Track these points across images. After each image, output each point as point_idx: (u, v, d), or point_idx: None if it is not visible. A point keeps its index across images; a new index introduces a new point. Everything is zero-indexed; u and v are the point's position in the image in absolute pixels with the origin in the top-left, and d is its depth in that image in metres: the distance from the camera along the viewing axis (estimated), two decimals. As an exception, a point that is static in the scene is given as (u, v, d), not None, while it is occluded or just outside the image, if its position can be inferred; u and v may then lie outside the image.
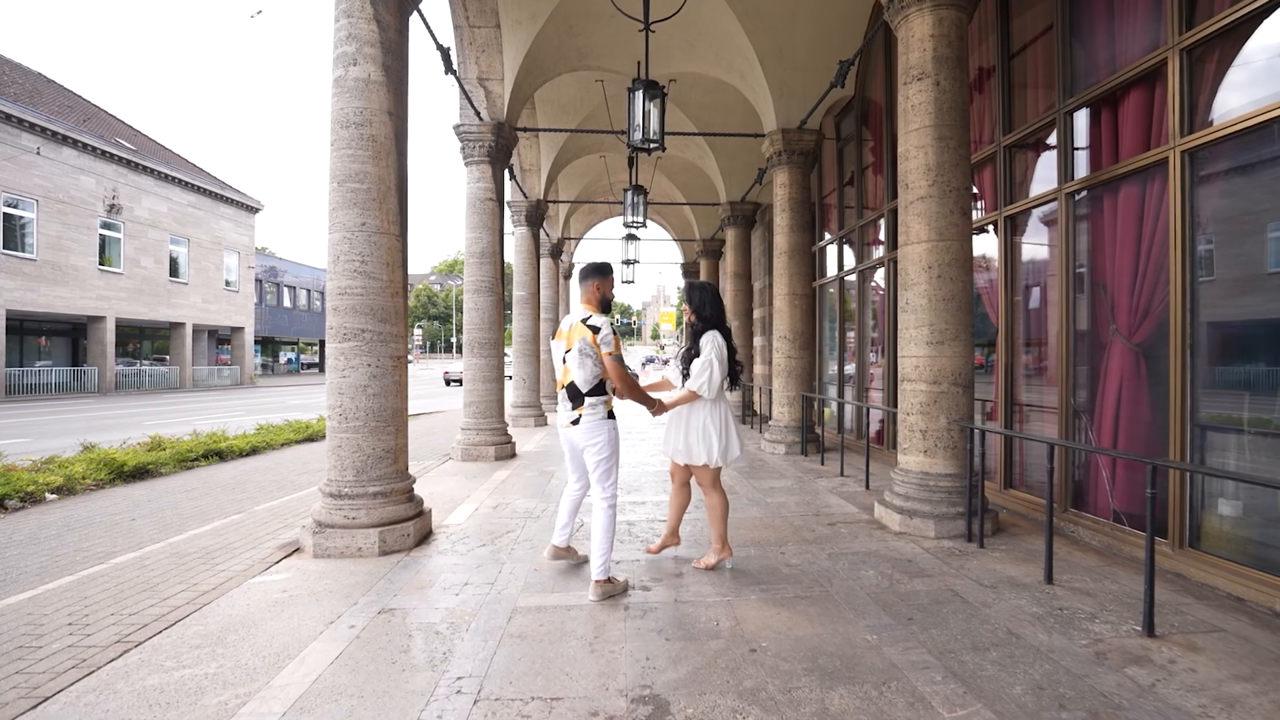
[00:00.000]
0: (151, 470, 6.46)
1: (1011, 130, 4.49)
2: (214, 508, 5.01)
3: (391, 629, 2.53)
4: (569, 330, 2.99)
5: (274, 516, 4.52)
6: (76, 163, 19.23)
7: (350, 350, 3.61)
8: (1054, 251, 4.07)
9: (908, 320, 4.00)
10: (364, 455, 3.62)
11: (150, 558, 3.51)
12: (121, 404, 16.94)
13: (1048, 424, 4.18)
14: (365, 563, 3.35)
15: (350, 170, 3.60)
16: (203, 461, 7.19)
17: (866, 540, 3.79)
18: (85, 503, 5.28)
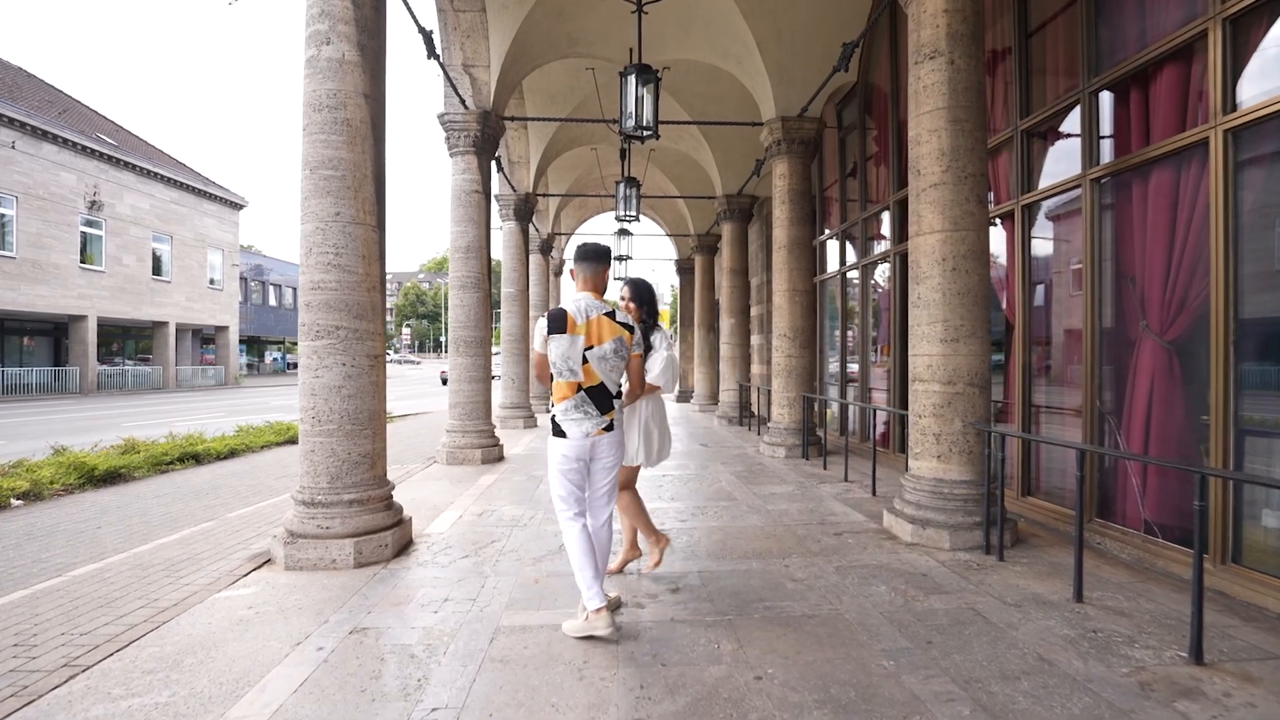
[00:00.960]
0: (124, 474, 6.30)
1: (1029, 114, 4.32)
2: (185, 515, 4.87)
3: (363, 652, 2.38)
4: (591, 324, 2.54)
5: (246, 524, 4.37)
6: (57, 159, 19.09)
7: (324, 349, 3.47)
8: (1076, 242, 3.90)
9: (919, 316, 3.82)
10: (339, 460, 3.47)
11: (111, 570, 3.37)
12: (103, 405, 16.78)
13: (1069, 427, 4.02)
14: (339, 576, 3.20)
15: (323, 156, 3.47)
16: (178, 465, 7.04)
17: (876, 552, 3.61)
18: (52, 509, 5.12)
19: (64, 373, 20.17)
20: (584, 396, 2.52)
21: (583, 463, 2.57)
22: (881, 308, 6.93)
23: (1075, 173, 3.86)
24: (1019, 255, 4.34)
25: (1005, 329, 4.53)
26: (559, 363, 2.51)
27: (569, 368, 2.51)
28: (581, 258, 2.68)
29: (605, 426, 2.56)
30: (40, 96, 21.03)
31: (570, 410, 2.52)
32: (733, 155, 10.11)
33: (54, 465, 6.00)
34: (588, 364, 2.52)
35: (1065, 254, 4.14)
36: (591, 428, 2.54)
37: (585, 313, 2.55)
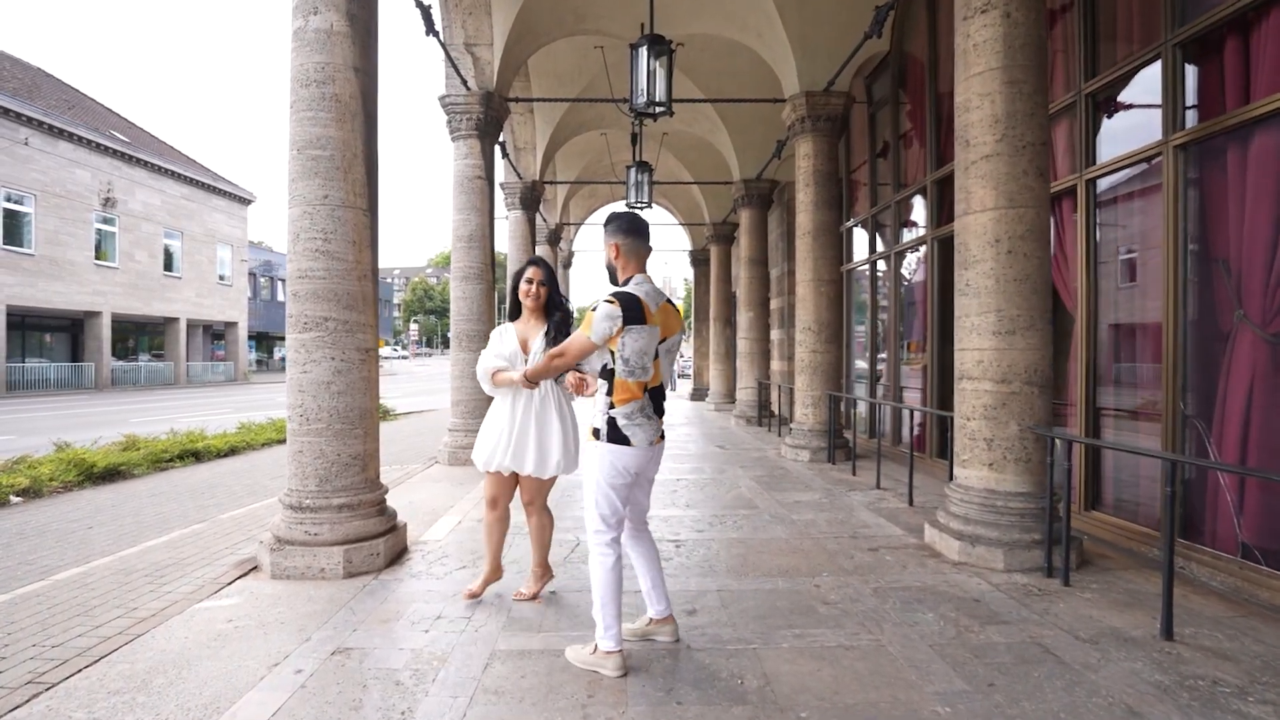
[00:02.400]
0: (123, 471, 6.38)
1: (1096, 75, 3.92)
2: (177, 515, 4.83)
3: (344, 676, 2.22)
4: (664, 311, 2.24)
5: (237, 527, 4.29)
6: (72, 156, 19.70)
7: (312, 342, 3.34)
8: (1154, 220, 3.52)
9: (968, 305, 3.47)
10: (327, 462, 3.33)
11: (95, 574, 3.30)
12: (115, 400, 17.28)
13: (1144, 433, 3.65)
14: (327, 586, 3.07)
15: (311, 135, 3.33)
16: (177, 463, 7.10)
17: (919, 571, 3.29)
18: (48, 507, 5.14)
19: (80, 368, 20.83)
20: (649, 398, 2.23)
21: (637, 476, 2.28)
22: (916, 299, 6.55)
23: (1154, 140, 3.46)
24: (1081, 237, 3.96)
25: (1063, 321, 4.14)
26: (633, 359, 2.18)
27: (642, 365, 2.19)
28: (630, 230, 2.27)
29: (662, 433, 2.33)
30: (57, 95, 21.60)
31: (635, 414, 2.20)
32: (751, 137, 9.76)
33: (54, 462, 6.05)
34: (658, 359, 2.25)
35: (1139, 235, 3.75)
36: (654, 434, 2.26)
37: (654, 299, 2.22)
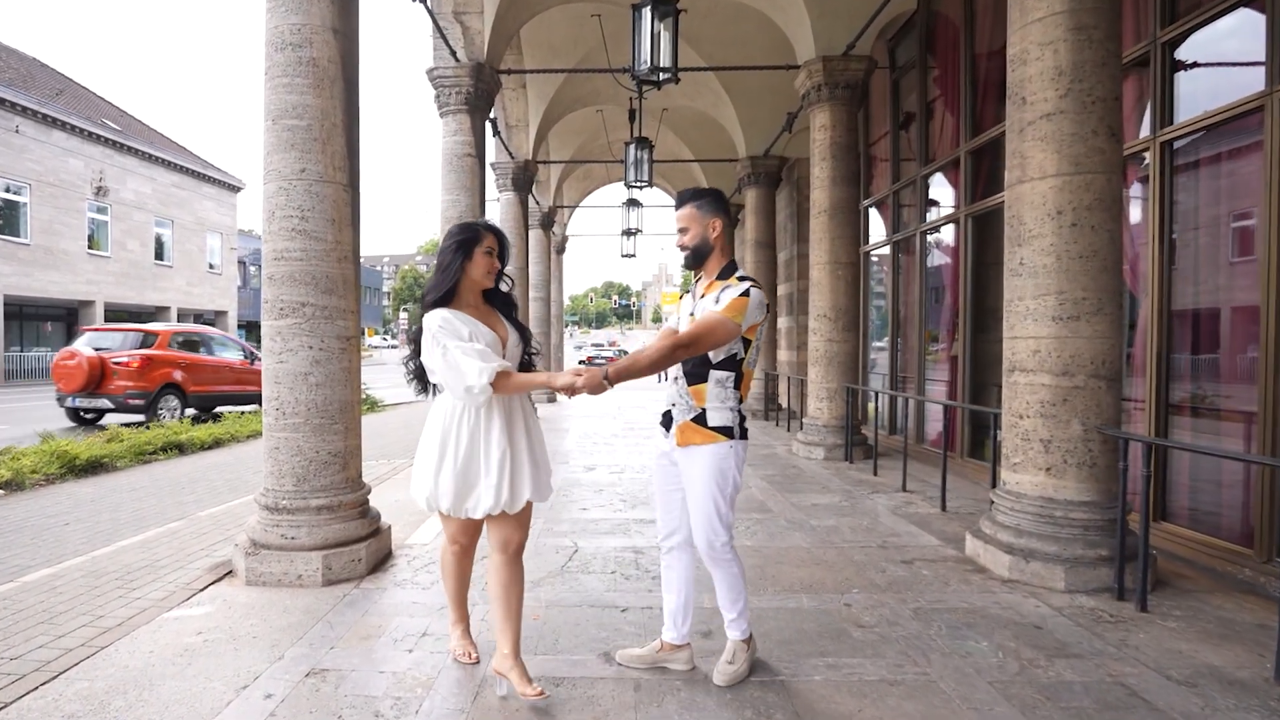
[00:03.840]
0: (106, 464, 6.30)
1: (1174, 20, 3.53)
2: (155, 512, 4.68)
3: (318, 704, 2.05)
4: None
5: (216, 525, 4.13)
6: (66, 145, 19.95)
7: (288, 329, 3.15)
8: (1248, 186, 3.15)
9: (1023, 287, 3.11)
10: (305, 460, 3.16)
11: (64, 577, 3.19)
12: None
13: (1228, 435, 3.31)
14: (305, 595, 2.91)
15: (286, 104, 3.13)
16: (161, 455, 7.00)
17: (963, 589, 2.96)
18: (28, 500, 5.06)
19: None
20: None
21: None
22: (945, 283, 6.19)
23: (1254, 91, 3.08)
24: (1153, 208, 3.59)
25: (1129, 304, 3.78)
26: (757, 349, 2.16)
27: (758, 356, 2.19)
28: (725, 207, 2.21)
29: None
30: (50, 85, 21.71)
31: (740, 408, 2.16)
32: (758, 111, 9.37)
33: (36, 454, 5.98)
34: None
35: (1227, 204, 3.37)
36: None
37: None
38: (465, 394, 1.93)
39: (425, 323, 2.01)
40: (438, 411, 2.07)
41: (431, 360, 1.98)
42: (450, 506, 2.03)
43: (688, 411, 2.09)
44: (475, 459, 2.01)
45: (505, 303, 2.17)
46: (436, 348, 1.95)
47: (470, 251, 2.04)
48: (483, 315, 2.08)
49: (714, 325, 1.98)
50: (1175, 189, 3.55)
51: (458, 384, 1.93)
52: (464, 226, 2.09)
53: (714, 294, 2.07)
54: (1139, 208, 3.73)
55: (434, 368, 2.00)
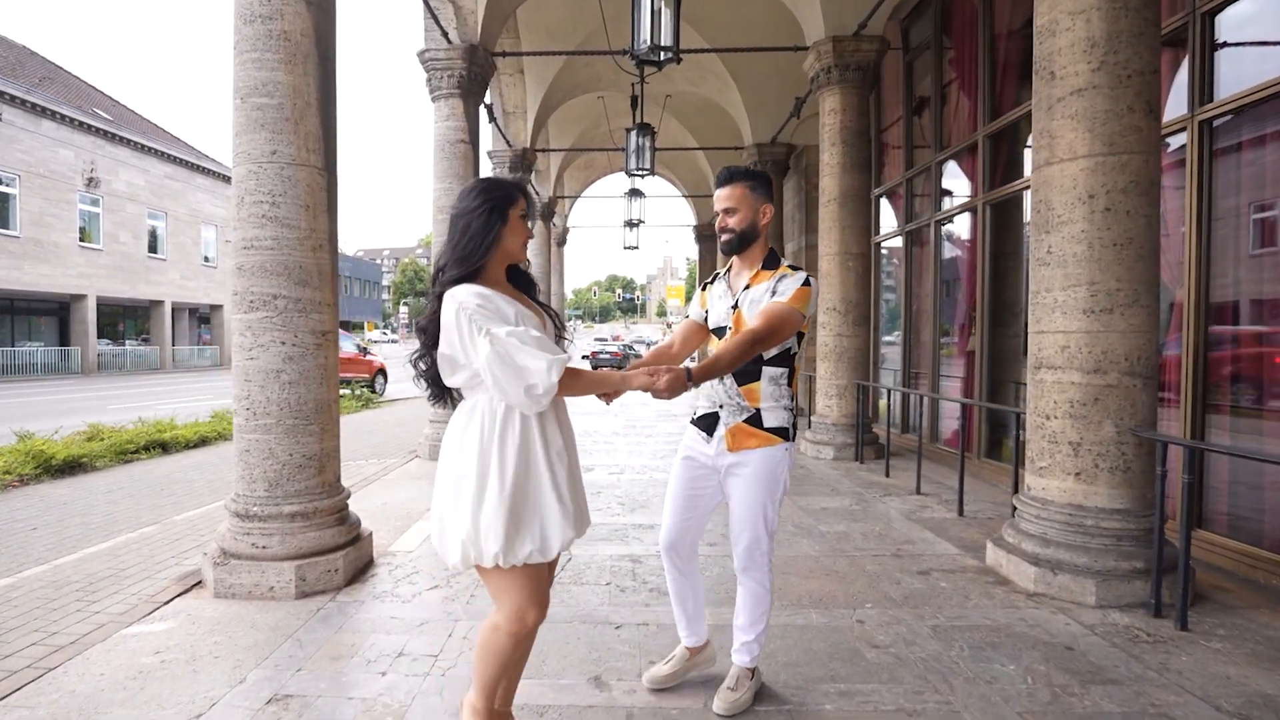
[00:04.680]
0: (85, 464, 6.19)
1: (1213, -13, 3.32)
2: (130, 515, 4.57)
3: None
4: None
5: (191, 530, 4.01)
6: (56, 135, 19.81)
7: (258, 323, 3.00)
8: None
9: (1051, 278, 2.92)
10: (277, 463, 3.02)
11: (21, 588, 3.05)
12: (99, 385, 17.43)
13: (1271, 435, 3.11)
14: (276, 609, 2.76)
15: (256, 80, 2.98)
16: (143, 454, 6.89)
17: (985, 603, 2.79)
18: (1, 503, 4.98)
19: (67, 353, 21.09)
20: None
21: None
22: (961, 275, 5.99)
23: None
24: (1190, 192, 3.38)
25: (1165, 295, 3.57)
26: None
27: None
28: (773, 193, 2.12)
29: None
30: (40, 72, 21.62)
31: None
32: (765, 96, 9.16)
33: (11, 453, 5.88)
34: None
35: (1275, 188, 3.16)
36: None
37: None
38: (524, 397, 1.48)
39: (451, 302, 1.51)
40: (467, 428, 1.55)
41: (465, 352, 1.50)
42: (500, 551, 1.50)
43: (740, 413, 1.94)
44: (532, 482, 1.54)
45: (528, 282, 1.74)
46: (478, 336, 1.47)
47: (506, 214, 1.60)
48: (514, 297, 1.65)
49: (785, 317, 1.85)
50: (1215, 171, 3.34)
51: (515, 384, 1.46)
52: (494, 183, 1.64)
53: (765, 284, 1.94)
54: (1173, 191, 3.52)
55: (467, 362, 1.51)
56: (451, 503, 1.54)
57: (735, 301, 1.99)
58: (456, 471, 1.55)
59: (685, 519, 2.05)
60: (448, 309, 1.52)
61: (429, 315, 1.59)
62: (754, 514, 1.95)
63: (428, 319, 1.59)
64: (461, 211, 1.61)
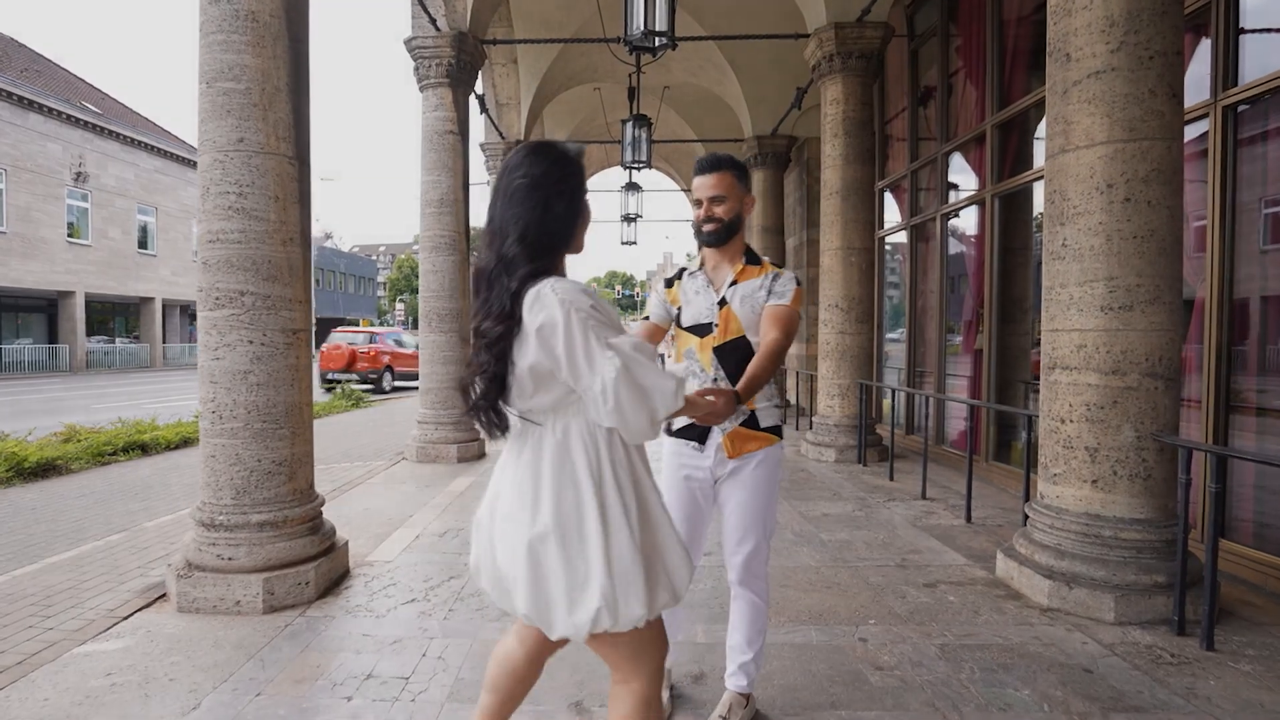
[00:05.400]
0: (59, 466, 6.06)
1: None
2: (100, 521, 4.45)
3: None
4: None
5: (162, 537, 3.89)
6: (43, 128, 19.72)
7: (225, 321, 2.89)
8: None
9: (1066, 272, 2.78)
10: (245, 469, 2.91)
11: None
12: (87, 383, 17.40)
13: None
14: (241, 625, 2.64)
15: (222, 64, 2.85)
16: (121, 456, 6.78)
17: (995, 619, 2.65)
18: None
19: (55, 350, 21.03)
20: None
21: None
22: (968, 270, 5.84)
23: None
24: (1213, 182, 3.24)
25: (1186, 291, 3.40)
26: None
27: None
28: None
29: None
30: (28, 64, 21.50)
31: None
32: (765, 87, 9.01)
33: None
34: None
35: None
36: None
37: None
38: (647, 426, 1.20)
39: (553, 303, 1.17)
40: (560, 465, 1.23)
41: (575, 367, 1.17)
42: (646, 610, 1.21)
43: (737, 417, 1.85)
44: (650, 518, 1.28)
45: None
46: (599, 349, 1.16)
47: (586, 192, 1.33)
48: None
49: (794, 320, 1.86)
50: (1239, 160, 3.19)
51: (641, 410, 1.18)
52: (567, 149, 1.31)
53: (757, 281, 1.86)
54: (1193, 183, 3.37)
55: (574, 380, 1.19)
56: (560, 564, 1.19)
57: (722, 297, 1.87)
58: (554, 523, 1.19)
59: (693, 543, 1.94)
60: (550, 310, 1.16)
61: (500, 317, 1.20)
62: (756, 519, 1.89)
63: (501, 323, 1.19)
64: (536, 182, 1.25)
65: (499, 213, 1.27)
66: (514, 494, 1.25)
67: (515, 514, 1.23)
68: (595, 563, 1.19)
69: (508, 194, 1.26)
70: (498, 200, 1.28)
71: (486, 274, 1.25)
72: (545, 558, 1.20)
